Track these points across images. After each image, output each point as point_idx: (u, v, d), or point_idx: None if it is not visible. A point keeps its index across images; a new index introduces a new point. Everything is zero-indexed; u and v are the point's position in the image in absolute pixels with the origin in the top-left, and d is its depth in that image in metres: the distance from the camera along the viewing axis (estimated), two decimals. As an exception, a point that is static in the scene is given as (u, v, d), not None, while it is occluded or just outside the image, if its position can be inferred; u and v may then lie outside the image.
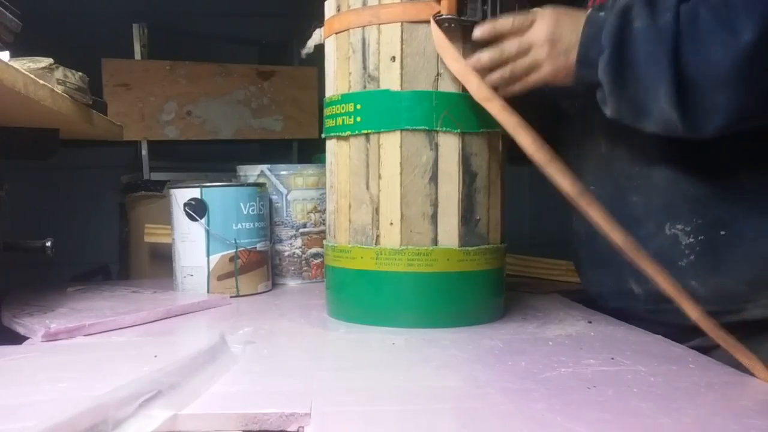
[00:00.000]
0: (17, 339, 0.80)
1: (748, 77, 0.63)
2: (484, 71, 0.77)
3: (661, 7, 0.68)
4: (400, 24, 0.80)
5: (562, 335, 0.79)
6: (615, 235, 0.69)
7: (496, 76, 0.77)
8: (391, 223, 0.83)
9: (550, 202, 0.84)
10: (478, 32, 0.78)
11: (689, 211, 0.77)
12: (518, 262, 1.28)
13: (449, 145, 0.82)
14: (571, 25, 0.74)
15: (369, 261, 0.84)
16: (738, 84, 0.64)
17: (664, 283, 0.67)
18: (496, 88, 0.77)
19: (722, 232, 0.75)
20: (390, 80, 0.82)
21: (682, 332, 0.74)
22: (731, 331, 0.65)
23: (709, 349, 0.71)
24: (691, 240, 0.76)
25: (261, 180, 1.21)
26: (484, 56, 0.77)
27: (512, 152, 0.81)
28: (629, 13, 0.69)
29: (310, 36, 0.97)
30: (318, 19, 0.92)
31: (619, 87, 0.70)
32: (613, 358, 0.68)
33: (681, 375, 0.62)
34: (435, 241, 0.82)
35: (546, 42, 0.74)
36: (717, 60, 0.63)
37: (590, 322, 0.86)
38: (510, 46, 0.76)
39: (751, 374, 0.62)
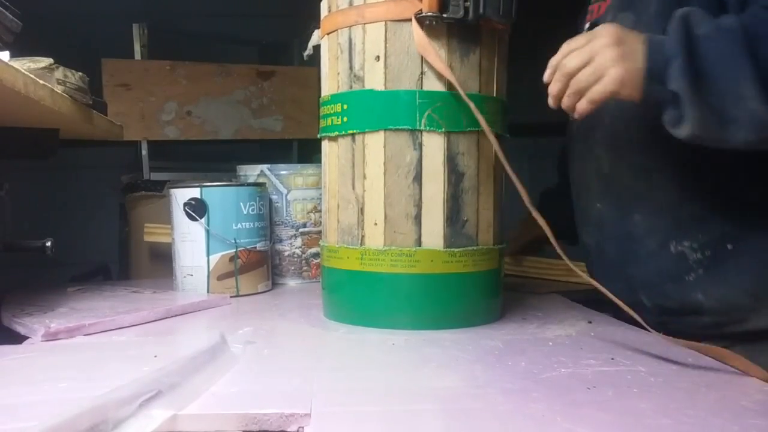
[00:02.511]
0: (17, 339, 0.80)
1: None
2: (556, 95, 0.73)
3: (719, 18, 0.66)
4: (384, 23, 0.80)
5: (562, 335, 0.79)
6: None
7: (566, 100, 0.71)
8: (375, 224, 0.83)
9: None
10: (546, 77, 0.74)
11: (696, 229, 0.77)
12: (515, 263, 1.28)
13: (433, 145, 0.81)
14: (633, 35, 0.69)
15: (354, 261, 0.84)
16: None
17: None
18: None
19: (729, 246, 0.76)
20: (374, 80, 0.82)
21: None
22: (735, 341, 0.66)
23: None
24: (699, 256, 0.77)
25: (261, 180, 1.21)
26: (546, 76, 0.73)
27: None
28: (689, 21, 0.66)
29: (309, 37, 0.98)
30: (316, 20, 0.93)
31: (698, 94, 0.64)
32: (613, 358, 0.68)
33: (681, 375, 0.62)
34: (419, 242, 0.82)
35: (609, 45, 0.68)
36: None
37: (590, 322, 0.86)
38: (570, 60, 0.70)
39: (751, 375, 0.62)
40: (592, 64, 0.69)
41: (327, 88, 0.89)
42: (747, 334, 0.77)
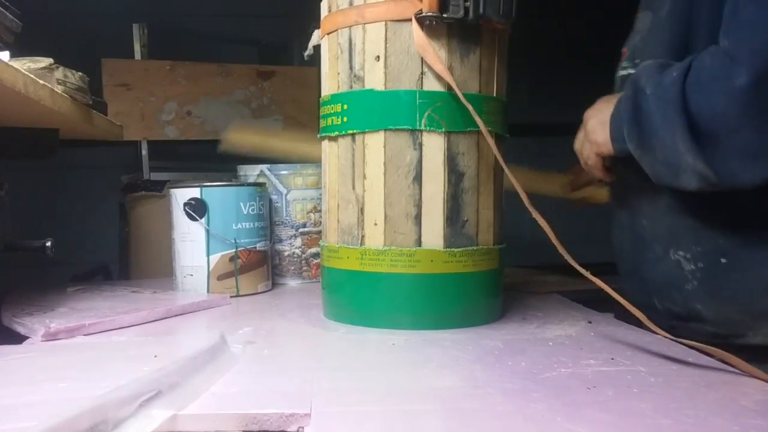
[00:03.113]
0: (17, 339, 0.80)
1: (755, 119, 0.63)
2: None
3: (670, 66, 0.69)
4: (384, 23, 0.80)
5: (562, 335, 0.79)
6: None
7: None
8: (375, 224, 0.83)
9: (550, 201, 0.84)
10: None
11: (690, 239, 0.77)
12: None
13: (433, 145, 0.81)
14: (607, 106, 0.78)
15: (354, 261, 0.84)
16: (748, 127, 0.63)
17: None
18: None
19: (723, 260, 0.75)
20: (374, 80, 0.82)
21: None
22: (741, 352, 0.66)
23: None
24: (692, 267, 0.77)
25: (261, 180, 1.21)
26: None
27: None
28: (639, 82, 0.71)
29: (309, 37, 0.98)
30: (316, 20, 0.93)
31: (645, 152, 0.71)
32: (613, 358, 0.68)
33: (681, 375, 0.62)
34: (419, 242, 0.82)
35: (586, 137, 0.82)
36: (720, 105, 0.63)
37: (590, 322, 0.86)
38: (581, 158, 0.86)
39: (751, 375, 0.62)
40: (585, 153, 0.84)
41: (327, 88, 0.89)
42: (750, 347, 0.76)
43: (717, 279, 0.76)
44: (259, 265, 1.12)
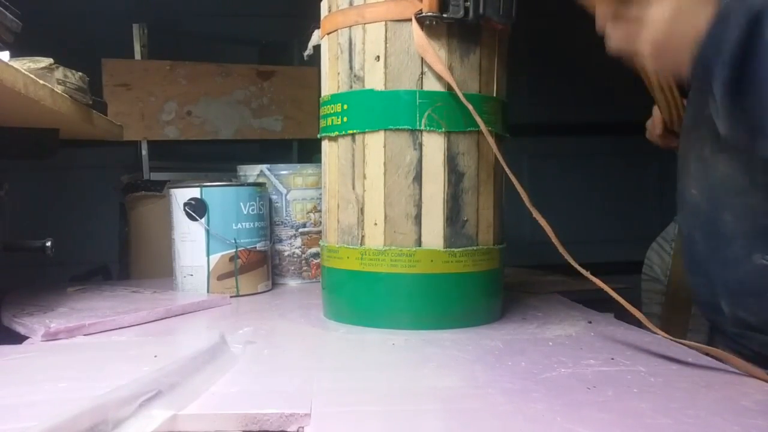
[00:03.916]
0: (17, 339, 0.80)
1: None
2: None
3: None
4: (384, 23, 0.80)
5: (562, 335, 0.79)
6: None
7: (610, 29, 0.63)
8: (375, 224, 0.83)
9: (549, 202, 0.84)
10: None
11: None
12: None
13: (433, 145, 0.81)
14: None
15: (354, 261, 0.84)
16: None
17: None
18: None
19: None
20: (374, 80, 0.82)
21: (766, 361, 0.68)
22: None
23: None
24: None
25: (261, 180, 1.21)
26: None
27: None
28: (760, 25, 0.52)
29: (309, 37, 0.98)
30: (316, 20, 0.93)
31: (739, 110, 0.56)
32: (613, 358, 0.68)
33: (681, 375, 0.62)
34: (419, 242, 0.82)
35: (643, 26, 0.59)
36: None
37: (590, 322, 0.86)
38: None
39: (751, 375, 0.62)
40: (646, 7, 0.58)
41: (327, 88, 0.89)
42: None
43: None
44: (259, 265, 1.12)
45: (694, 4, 0.57)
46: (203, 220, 1.06)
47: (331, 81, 0.87)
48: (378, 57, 0.81)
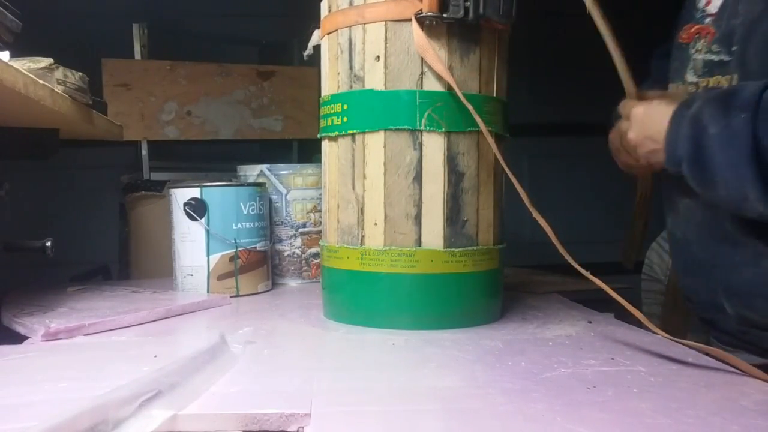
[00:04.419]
0: (17, 339, 0.80)
1: None
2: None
3: (737, 103, 0.64)
4: (384, 23, 0.80)
5: (562, 335, 0.79)
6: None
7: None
8: (375, 224, 0.83)
9: (549, 202, 0.84)
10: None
11: None
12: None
13: (433, 145, 0.81)
14: (661, 115, 0.74)
15: (354, 261, 0.84)
16: None
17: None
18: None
19: None
20: (374, 80, 0.82)
21: None
22: None
23: None
24: None
25: (261, 180, 1.21)
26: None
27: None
28: (701, 119, 0.67)
29: (309, 37, 0.98)
30: (316, 20, 0.93)
31: (705, 188, 0.69)
32: (613, 358, 0.68)
33: (681, 375, 0.62)
34: (419, 242, 0.82)
35: (635, 147, 0.78)
36: None
37: (590, 322, 0.86)
38: (617, 140, 0.86)
39: (751, 375, 0.62)
40: (631, 154, 0.82)
41: (327, 88, 0.89)
42: None
43: None
44: (259, 265, 1.12)
45: (658, 117, 0.74)
46: (203, 220, 1.06)
47: (331, 81, 0.87)
48: (378, 57, 0.81)
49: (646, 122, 0.76)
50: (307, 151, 1.92)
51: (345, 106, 0.84)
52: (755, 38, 0.70)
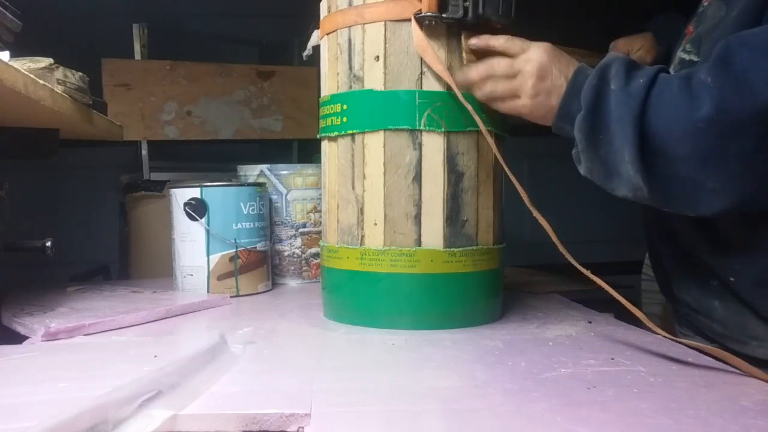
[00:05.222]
0: (17, 339, 0.80)
1: (706, 153, 0.62)
2: (472, 84, 0.80)
3: (640, 72, 0.68)
4: (383, 23, 0.80)
5: (562, 335, 0.79)
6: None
7: (478, 92, 0.79)
8: (375, 224, 0.83)
9: (549, 202, 0.84)
10: (473, 41, 0.79)
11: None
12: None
13: (433, 145, 0.81)
14: (563, 68, 0.74)
15: (354, 261, 0.84)
16: (696, 159, 0.63)
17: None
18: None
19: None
20: (374, 80, 0.82)
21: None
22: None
23: None
24: None
25: (261, 180, 1.21)
26: (473, 73, 0.79)
27: None
28: (608, 74, 0.69)
29: (309, 37, 0.98)
30: (316, 20, 0.93)
31: (591, 145, 0.69)
32: (613, 358, 0.68)
33: (681, 375, 0.62)
34: (418, 242, 0.82)
35: (533, 75, 0.74)
36: (675, 129, 0.63)
37: (590, 322, 0.86)
38: (499, 65, 0.77)
39: (751, 375, 0.62)
40: (514, 82, 0.76)
41: (327, 88, 0.89)
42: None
43: None
44: (259, 265, 1.12)
45: (554, 76, 0.74)
46: (203, 220, 1.06)
47: (331, 81, 0.87)
48: (377, 57, 0.81)
49: (553, 57, 0.74)
50: (307, 151, 1.92)
51: (344, 107, 0.84)
52: (708, 45, 0.73)
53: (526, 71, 0.75)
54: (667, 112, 0.64)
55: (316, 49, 0.95)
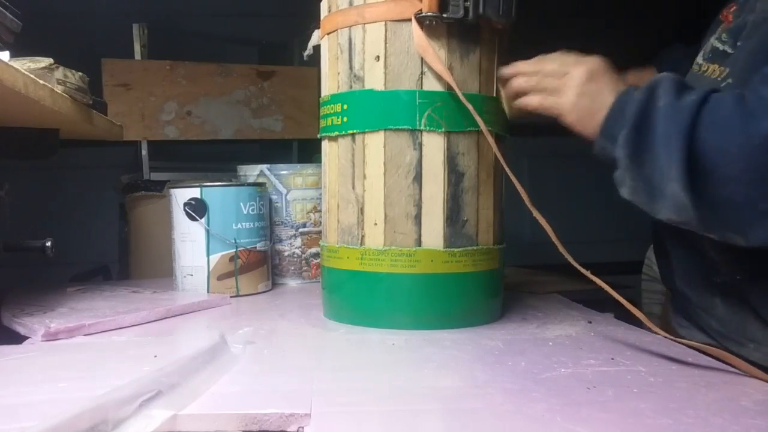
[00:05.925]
0: (17, 339, 0.80)
1: (762, 173, 0.59)
2: (520, 74, 0.81)
3: (690, 90, 0.66)
4: (384, 23, 0.80)
5: (562, 335, 0.79)
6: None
7: (524, 82, 0.80)
8: (375, 224, 0.83)
9: (549, 202, 0.84)
10: (509, 71, 0.83)
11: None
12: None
13: (433, 145, 0.81)
14: (613, 83, 0.73)
15: (354, 261, 0.84)
16: (750, 179, 0.60)
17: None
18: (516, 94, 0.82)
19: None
20: (374, 80, 0.82)
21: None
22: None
23: None
24: None
25: (261, 180, 1.21)
26: (523, 64, 0.81)
27: None
28: (657, 90, 0.67)
29: (309, 37, 0.98)
30: (316, 20, 0.93)
31: (635, 163, 0.66)
32: (613, 358, 0.68)
33: (681, 375, 0.62)
34: (419, 242, 0.82)
35: (581, 76, 0.74)
36: (729, 147, 0.60)
37: (590, 322, 0.86)
38: (550, 63, 0.79)
39: (751, 375, 0.62)
40: (559, 80, 0.76)
41: (327, 88, 0.89)
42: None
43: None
44: (259, 265, 1.12)
45: (602, 84, 0.74)
46: (203, 220, 1.06)
47: (331, 81, 0.87)
48: (378, 57, 0.81)
49: (603, 69, 0.75)
50: (307, 151, 1.92)
51: (345, 106, 0.84)
52: (755, 38, 0.70)
53: (575, 72, 0.75)
54: (720, 128, 0.61)
55: (317, 49, 0.95)
